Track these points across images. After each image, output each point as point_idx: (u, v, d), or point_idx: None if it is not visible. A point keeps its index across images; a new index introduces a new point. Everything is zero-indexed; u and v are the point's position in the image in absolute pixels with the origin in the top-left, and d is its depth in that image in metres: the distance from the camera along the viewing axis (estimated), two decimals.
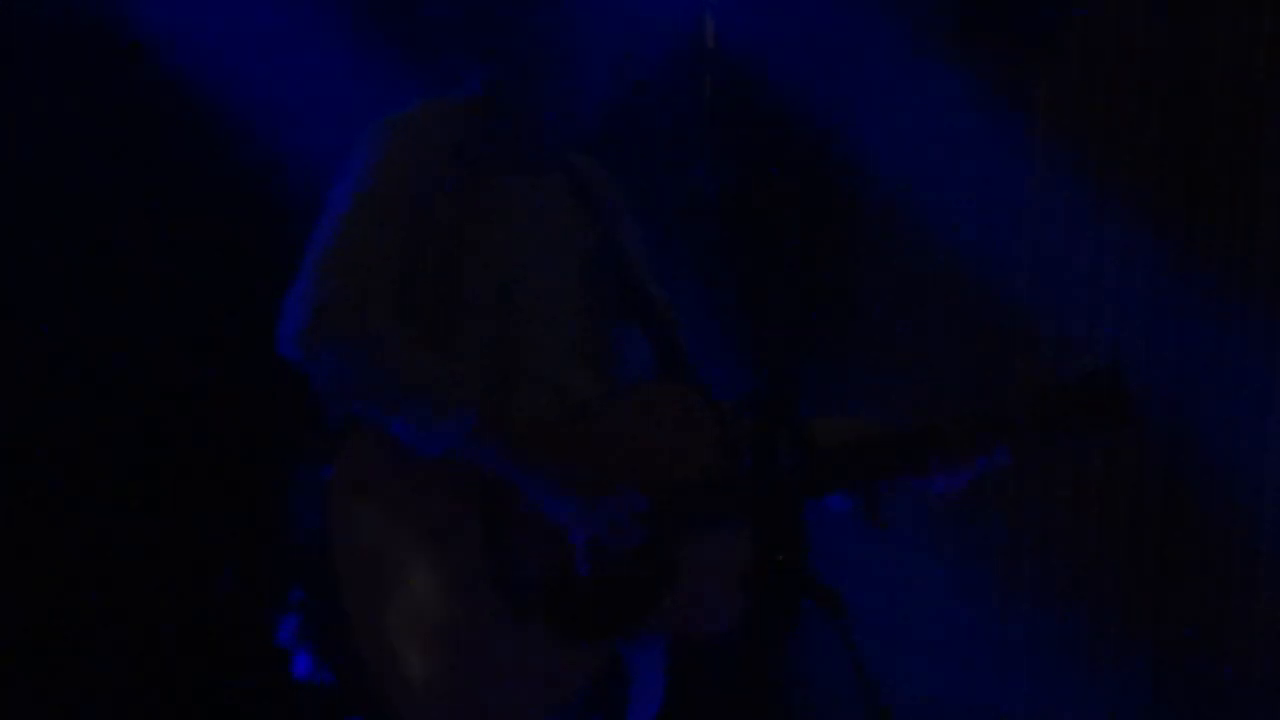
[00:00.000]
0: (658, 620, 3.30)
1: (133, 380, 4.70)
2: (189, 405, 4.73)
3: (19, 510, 4.74)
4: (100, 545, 4.78)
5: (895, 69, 5.45)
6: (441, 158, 3.35)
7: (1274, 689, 5.16)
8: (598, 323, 3.49)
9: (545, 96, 3.42)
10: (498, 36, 3.42)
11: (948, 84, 5.42)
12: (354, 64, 4.82)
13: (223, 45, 4.79)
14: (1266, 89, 5.22)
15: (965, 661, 5.32)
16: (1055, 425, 3.35)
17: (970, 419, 3.36)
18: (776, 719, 2.93)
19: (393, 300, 3.25)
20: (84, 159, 4.66)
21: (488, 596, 3.22)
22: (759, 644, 3.07)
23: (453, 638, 3.19)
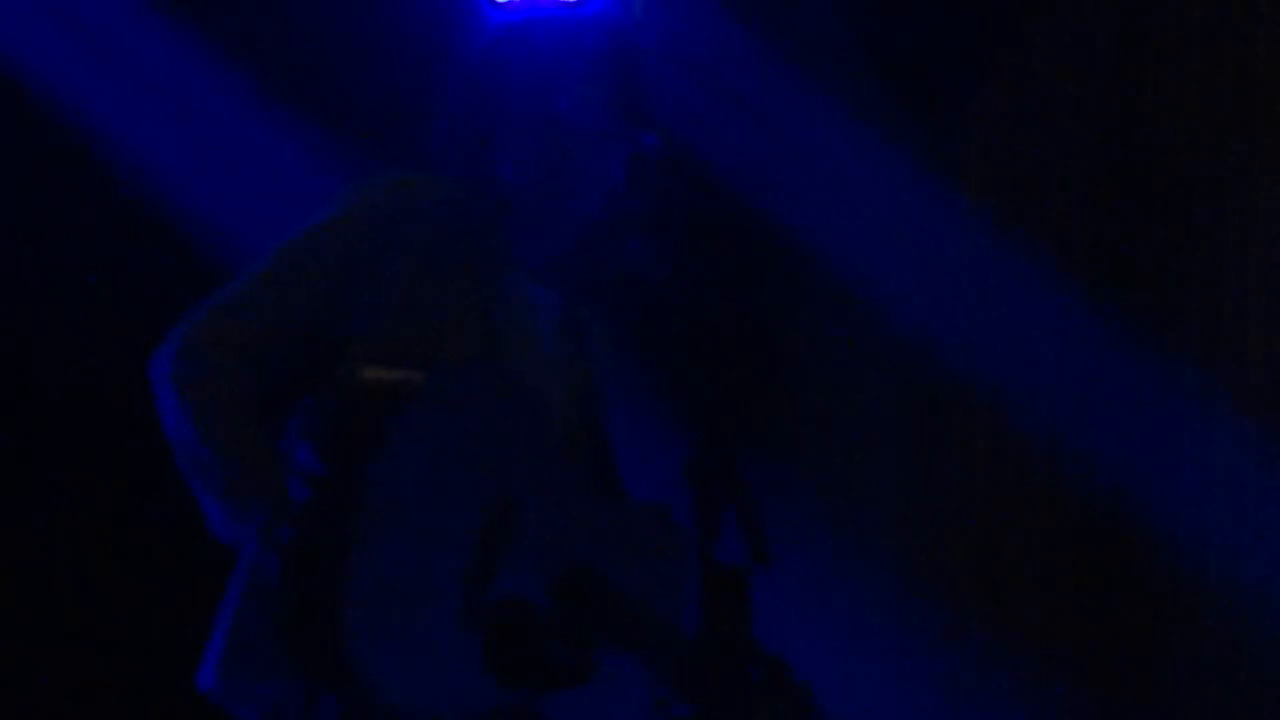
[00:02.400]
0: None
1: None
2: None
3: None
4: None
5: (828, 139, 5.49)
6: (408, 222, 3.23)
7: None
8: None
9: (537, 204, 3.39)
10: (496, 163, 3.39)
11: (879, 152, 5.46)
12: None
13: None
14: (1196, 152, 5.26)
15: None
16: None
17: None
18: None
19: (258, 363, 3.11)
20: None
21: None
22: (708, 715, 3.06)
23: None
